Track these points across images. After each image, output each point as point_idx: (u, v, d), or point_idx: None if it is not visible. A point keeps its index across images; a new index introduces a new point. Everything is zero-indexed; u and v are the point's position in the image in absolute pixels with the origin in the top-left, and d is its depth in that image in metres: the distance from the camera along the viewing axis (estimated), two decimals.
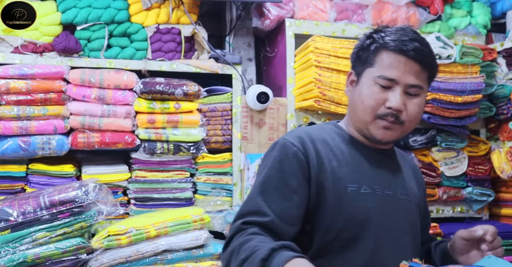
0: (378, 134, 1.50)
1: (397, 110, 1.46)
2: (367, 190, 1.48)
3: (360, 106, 1.50)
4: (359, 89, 1.52)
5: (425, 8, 3.15)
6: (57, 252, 2.21)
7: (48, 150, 2.53)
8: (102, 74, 2.59)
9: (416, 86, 1.48)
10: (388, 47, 1.47)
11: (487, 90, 3.11)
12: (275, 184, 1.42)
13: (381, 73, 1.47)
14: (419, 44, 1.47)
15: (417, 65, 1.47)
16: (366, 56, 1.52)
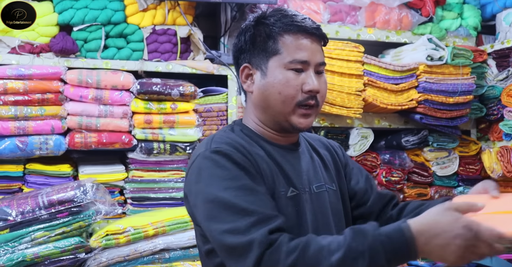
0: (299, 123, 1.41)
1: (316, 92, 1.39)
2: (294, 191, 1.40)
3: (278, 98, 1.38)
4: (270, 81, 1.39)
5: (417, 10, 3.20)
6: (56, 251, 2.23)
7: (46, 150, 2.54)
8: (99, 74, 2.61)
9: (323, 63, 1.43)
10: (289, 30, 1.38)
11: (477, 91, 3.16)
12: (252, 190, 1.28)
13: (292, 57, 1.37)
14: (313, 22, 1.42)
15: (320, 42, 1.43)
16: (265, 45, 1.40)
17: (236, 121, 1.52)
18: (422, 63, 2.98)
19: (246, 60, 1.44)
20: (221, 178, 1.28)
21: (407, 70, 2.98)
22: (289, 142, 1.49)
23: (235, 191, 1.25)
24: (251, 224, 1.19)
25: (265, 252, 1.16)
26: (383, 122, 3.09)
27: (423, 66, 2.97)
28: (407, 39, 3.18)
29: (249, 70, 1.44)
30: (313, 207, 1.43)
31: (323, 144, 1.63)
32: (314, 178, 1.48)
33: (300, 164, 1.47)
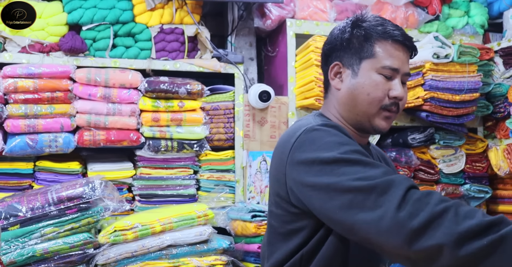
0: (381, 124, 1.50)
1: (400, 99, 1.48)
2: None
3: (366, 99, 1.47)
4: (361, 82, 1.48)
5: (424, 8, 3.21)
6: (65, 246, 2.26)
7: (55, 147, 2.58)
8: (108, 73, 2.65)
9: (409, 74, 1.53)
10: (387, 38, 1.47)
11: (484, 89, 3.16)
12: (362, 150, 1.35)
13: (385, 63, 1.46)
14: (404, 31, 1.50)
15: (409, 54, 1.52)
16: (361, 47, 1.49)
17: (317, 113, 1.58)
18: (428, 61, 2.98)
19: (337, 58, 1.53)
20: (339, 143, 1.32)
21: (413, 68, 2.98)
22: (363, 142, 1.59)
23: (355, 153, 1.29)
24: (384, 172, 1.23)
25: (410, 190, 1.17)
26: None
27: (429, 64, 2.98)
28: (413, 37, 3.16)
29: (339, 68, 1.53)
30: None
31: (381, 155, 1.76)
32: None
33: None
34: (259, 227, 2.48)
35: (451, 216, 1.10)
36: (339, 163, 1.28)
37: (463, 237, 1.07)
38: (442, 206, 1.12)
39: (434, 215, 1.11)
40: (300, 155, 1.36)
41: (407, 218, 1.12)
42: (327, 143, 1.34)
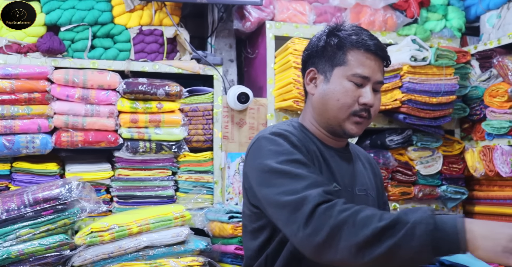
0: (351, 129, 1.56)
1: (370, 106, 1.54)
2: (337, 187, 1.55)
3: (335, 104, 1.54)
4: (332, 88, 1.55)
5: (402, 12, 3.24)
6: (41, 248, 2.25)
7: (32, 148, 2.58)
8: (86, 74, 2.64)
9: (381, 82, 1.58)
10: (359, 47, 1.53)
11: (461, 91, 3.20)
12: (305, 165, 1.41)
13: (356, 71, 1.52)
14: (381, 43, 1.58)
15: (382, 63, 1.58)
16: (334, 55, 1.55)
17: (294, 119, 1.70)
18: (406, 64, 3.01)
19: (313, 65, 1.61)
20: (277, 153, 1.43)
21: (391, 70, 3.02)
22: (338, 145, 1.66)
23: (289, 163, 1.40)
24: (306, 186, 1.32)
25: (320, 206, 1.25)
26: None
27: (407, 67, 3.01)
28: (392, 40, 3.21)
29: (314, 74, 1.61)
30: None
31: (367, 158, 1.82)
32: (357, 181, 1.64)
33: (346, 166, 1.63)
34: (236, 228, 2.49)
35: (349, 227, 1.19)
36: (272, 173, 1.39)
37: (362, 247, 1.17)
38: (341, 217, 1.20)
39: (334, 229, 1.20)
40: (249, 161, 1.51)
41: (312, 234, 1.22)
42: (268, 151, 1.44)
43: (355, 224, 1.19)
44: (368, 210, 1.22)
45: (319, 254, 1.23)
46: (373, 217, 1.19)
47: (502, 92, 2.98)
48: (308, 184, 1.32)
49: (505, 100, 2.97)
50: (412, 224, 1.14)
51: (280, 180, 1.36)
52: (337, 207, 1.23)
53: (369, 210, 1.23)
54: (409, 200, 3.19)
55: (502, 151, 2.99)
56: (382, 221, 1.17)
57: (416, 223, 1.14)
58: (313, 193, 1.27)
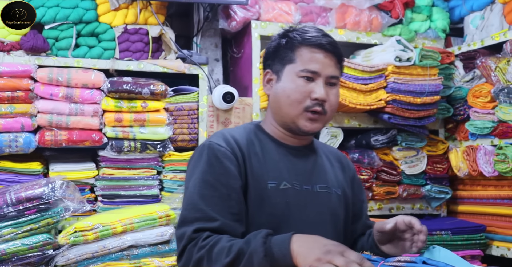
0: (305, 126, 1.57)
1: (322, 100, 1.55)
2: (287, 185, 1.55)
3: (286, 101, 1.56)
4: (282, 86, 1.58)
5: (387, 12, 3.26)
6: (23, 248, 2.24)
7: (15, 147, 2.56)
8: (70, 73, 2.63)
9: (334, 77, 1.59)
10: (306, 43, 1.57)
11: (445, 92, 3.23)
12: (213, 186, 1.46)
13: (304, 67, 1.55)
14: (331, 39, 1.60)
15: (334, 58, 1.59)
16: (285, 54, 1.59)
17: (254, 122, 1.74)
18: (391, 64, 3.04)
19: (268, 66, 1.66)
20: (197, 170, 1.50)
21: (375, 70, 3.03)
22: (300, 143, 1.66)
23: (200, 185, 1.47)
24: (194, 219, 1.43)
25: (187, 245, 1.39)
26: (352, 122, 3.15)
27: (392, 67, 3.03)
28: (377, 40, 3.23)
29: (270, 75, 1.65)
30: (309, 203, 1.57)
31: (337, 157, 1.80)
32: (319, 178, 1.64)
33: (304, 163, 1.64)
34: None
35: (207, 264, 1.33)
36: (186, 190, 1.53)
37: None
38: (199, 256, 1.35)
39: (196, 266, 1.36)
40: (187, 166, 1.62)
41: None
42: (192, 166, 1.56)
43: (210, 260, 1.33)
44: (221, 243, 1.33)
45: None
46: (222, 251, 1.31)
47: (485, 93, 3.01)
48: (196, 217, 1.42)
49: (488, 100, 3.00)
50: (248, 254, 1.27)
51: (185, 202, 1.50)
52: (198, 244, 1.36)
53: (223, 242, 1.33)
54: (394, 200, 3.21)
55: (485, 151, 3.02)
56: (228, 257, 1.29)
57: (251, 253, 1.26)
58: (187, 232, 1.40)
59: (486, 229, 3.03)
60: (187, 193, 1.50)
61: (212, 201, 1.45)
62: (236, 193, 1.48)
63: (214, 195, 1.45)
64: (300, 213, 1.54)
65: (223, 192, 1.46)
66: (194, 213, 1.44)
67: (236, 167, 1.50)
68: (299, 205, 1.55)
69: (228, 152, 1.51)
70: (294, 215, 1.53)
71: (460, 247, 2.95)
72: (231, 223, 1.44)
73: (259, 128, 1.67)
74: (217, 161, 1.49)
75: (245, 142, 1.57)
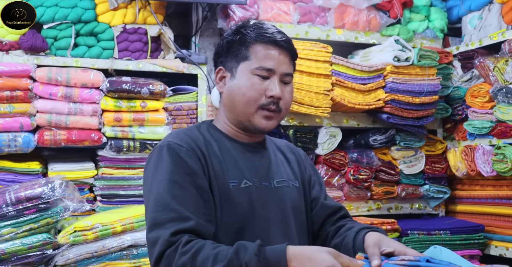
0: (261, 124, 1.54)
1: (278, 98, 1.53)
2: (247, 183, 1.53)
3: (242, 99, 1.53)
4: (237, 83, 1.54)
5: (385, 12, 3.27)
6: (23, 247, 2.23)
7: (14, 147, 2.55)
8: (69, 72, 2.63)
9: (289, 74, 1.57)
10: (260, 40, 1.54)
11: (443, 91, 3.24)
12: (182, 186, 1.41)
13: (259, 64, 1.52)
14: (284, 35, 1.58)
15: (288, 55, 1.57)
16: (238, 51, 1.56)
17: (206, 121, 1.68)
18: (389, 64, 3.04)
19: (221, 63, 1.61)
20: (160, 171, 1.44)
21: (374, 70, 3.04)
22: (253, 140, 1.63)
23: (167, 184, 1.41)
24: (168, 220, 1.35)
25: (166, 251, 1.31)
26: (351, 122, 3.15)
27: (390, 67, 3.04)
28: (375, 40, 3.24)
29: (223, 72, 1.61)
30: (270, 199, 1.55)
31: (290, 149, 1.77)
32: (275, 173, 1.61)
33: (260, 160, 1.61)
34: None
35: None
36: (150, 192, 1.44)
37: None
38: (181, 262, 1.28)
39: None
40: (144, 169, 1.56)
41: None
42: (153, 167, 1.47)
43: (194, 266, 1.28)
44: (206, 250, 1.28)
45: None
46: (208, 259, 1.26)
47: (484, 93, 3.02)
48: (170, 218, 1.35)
49: (487, 100, 3.01)
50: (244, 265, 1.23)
51: (152, 204, 1.41)
52: (179, 249, 1.30)
53: (207, 249, 1.29)
54: (393, 199, 3.21)
55: (484, 150, 3.03)
56: (216, 264, 1.25)
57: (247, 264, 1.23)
58: (163, 236, 1.32)
59: (484, 228, 3.04)
60: (154, 195, 1.41)
61: (184, 201, 1.39)
62: (206, 193, 1.45)
63: (185, 195, 1.40)
64: (263, 210, 1.52)
65: (193, 192, 1.42)
66: (167, 213, 1.36)
67: (200, 166, 1.47)
68: (261, 203, 1.53)
69: (190, 151, 1.47)
70: (258, 212, 1.51)
71: (459, 246, 2.96)
72: (204, 223, 1.39)
73: (212, 127, 1.63)
74: (181, 161, 1.44)
75: (203, 142, 1.53)
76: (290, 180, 1.64)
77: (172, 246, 1.31)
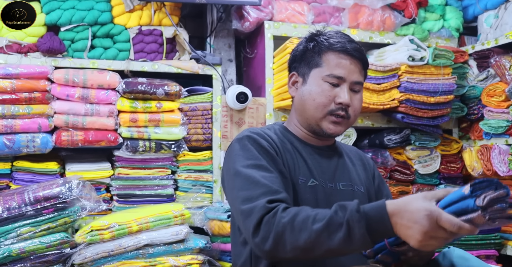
0: (329, 129, 1.63)
1: (346, 105, 1.60)
2: (314, 182, 1.60)
3: (312, 104, 1.62)
4: (308, 89, 1.63)
5: (400, 12, 3.26)
6: (41, 246, 2.27)
7: (33, 147, 2.60)
8: (86, 74, 2.66)
9: (359, 83, 1.64)
10: (333, 49, 1.62)
11: (458, 91, 3.22)
12: (268, 170, 1.49)
13: (330, 72, 1.60)
14: (357, 45, 1.65)
15: (359, 64, 1.64)
16: (311, 58, 1.65)
17: (278, 122, 1.80)
18: (404, 64, 3.03)
19: (294, 69, 1.72)
20: (244, 157, 1.52)
21: (389, 70, 3.03)
22: (322, 144, 1.72)
23: (253, 168, 1.49)
24: (260, 194, 1.41)
25: (264, 216, 1.35)
26: (366, 122, 3.15)
27: (405, 67, 3.03)
28: (390, 40, 3.23)
29: (295, 77, 1.71)
30: (335, 200, 1.57)
31: (358, 155, 1.85)
32: (341, 177, 1.68)
33: (328, 163, 1.69)
34: None
35: (289, 233, 1.31)
36: (237, 177, 1.49)
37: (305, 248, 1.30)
38: (281, 225, 1.31)
39: (277, 237, 1.32)
40: (224, 164, 1.65)
41: (261, 243, 1.35)
42: (236, 156, 1.54)
43: (294, 229, 1.30)
44: (304, 212, 1.32)
45: (271, 257, 1.37)
46: (307, 219, 1.29)
47: (500, 92, 3.00)
48: (262, 192, 1.41)
49: (503, 99, 2.98)
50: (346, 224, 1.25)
51: (240, 184, 1.46)
52: (278, 214, 1.33)
53: (305, 211, 1.32)
54: None
55: (500, 150, 3.00)
56: (316, 224, 1.28)
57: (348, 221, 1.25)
58: (259, 205, 1.37)
59: (501, 228, 3.02)
60: (242, 176, 1.47)
61: (271, 180, 1.46)
62: (287, 179, 1.53)
63: (272, 176, 1.47)
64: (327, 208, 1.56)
65: (278, 175, 1.50)
66: (259, 188, 1.42)
67: (279, 158, 1.56)
68: (325, 202, 1.58)
69: (266, 142, 1.57)
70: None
71: (475, 246, 2.94)
72: (289, 197, 1.46)
73: (284, 129, 1.73)
74: (264, 149, 1.53)
75: (277, 139, 1.62)
76: (355, 185, 1.70)
77: (270, 211, 1.35)
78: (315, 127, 1.65)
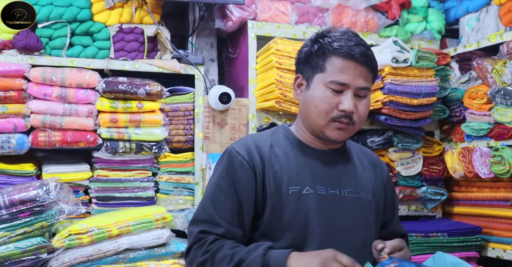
0: (332, 135, 1.55)
1: (350, 113, 1.52)
2: (309, 190, 1.54)
3: (314, 111, 1.54)
4: (311, 94, 1.55)
5: (383, 13, 3.25)
6: (17, 251, 2.20)
7: (8, 148, 2.51)
8: (64, 73, 2.58)
9: (365, 88, 1.55)
10: (337, 53, 1.52)
11: (441, 93, 3.23)
12: (224, 193, 1.52)
13: (333, 78, 1.51)
14: (364, 48, 1.54)
15: (365, 69, 1.54)
16: (315, 61, 1.56)
17: (284, 125, 1.73)
18: (388, 65, 3.02)
19: (300, 71, 1.64)
20: (215, 173, 1.58)
21: None
22: (328, 148, 1.64)
23: (214, 187, 1.55)
24: (202, 220, 1.52)
25: (194, 244, 1.49)
26: None
27: (389, 68, 3.02)
28: (373, 41, 3.22)
29: (300, 80, 1.63)
30: (337, 207, 1.56)
31: (371, 160, 1.75)
32: (347, 183, 1.61)
33: (332, 168, 1.62)
34: None
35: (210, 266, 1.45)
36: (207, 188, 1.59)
37: None
38: (203, 259, 1.45)
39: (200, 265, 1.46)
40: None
41: (188, 264, 1.52)
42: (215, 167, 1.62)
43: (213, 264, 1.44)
44: (225, 249, 1.43)
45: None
46: (225, 259, 1.42)
47: (482, 94, 3.01)
48: (204, 219, 1.51)
49: (484, 102, 3.00)
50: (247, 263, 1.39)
51: (203, 199, 1.57)
52: (204, 246, 1.46)
53: (226, 249, 1.44)
54: None
55: (481, 152, 3.02)
56: (229, 264, 1.41)
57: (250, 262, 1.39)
58: (194, 231, 1.50)
59: (482, 230, 3.03)
60: (204, 194, 1.59)
61: (222, 207, 1.51)
62: (247, 204, 1.52)
63: (224, 201, 1.51)
64: (326, 217, 1.53)
65: (234, 200, 1.51)
66: (204, 215, 1.52)
67: (250, 178, 1.53)
68: (324, 210, 1.53)
69: (245, 161, 1.54)
70: (320, 219, 1.52)
71: (456, 248, 2.95)
72: (235, 230, 1.50)
73: (289, 133, 1.66)
74: (233, 169, 1.54)
75: (269, 149, 1.58)
76: (363, 192, 1.63)
77: (199, 241, 1.48)
78: (319, 133, 1.58)
